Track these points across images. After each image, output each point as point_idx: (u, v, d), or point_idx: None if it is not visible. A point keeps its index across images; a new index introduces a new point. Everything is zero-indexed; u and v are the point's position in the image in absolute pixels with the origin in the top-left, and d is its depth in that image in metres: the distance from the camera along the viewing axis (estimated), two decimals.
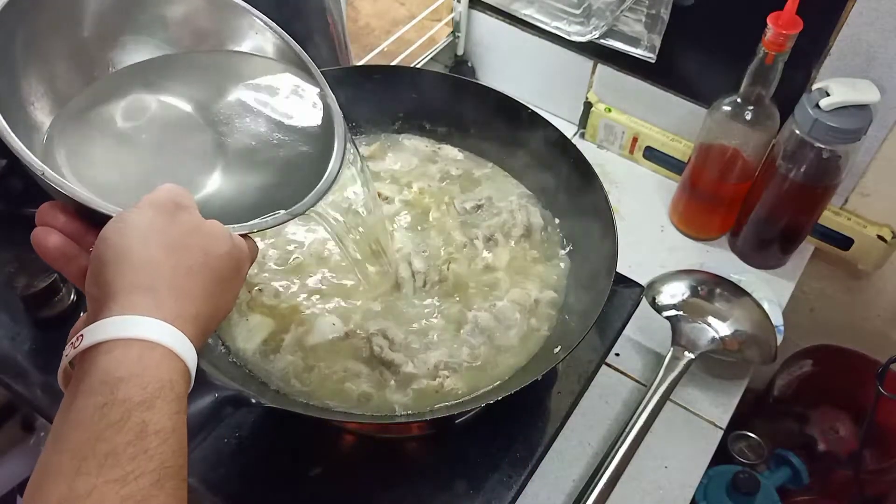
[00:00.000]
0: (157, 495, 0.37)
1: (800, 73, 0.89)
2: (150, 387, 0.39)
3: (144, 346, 0.40)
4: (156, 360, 0.40)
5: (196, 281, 0.45)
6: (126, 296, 0.42)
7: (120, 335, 0.40)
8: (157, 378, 0.40)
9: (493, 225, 0.80)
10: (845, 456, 1.13)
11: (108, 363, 0.39)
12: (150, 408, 0.39)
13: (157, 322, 0.41)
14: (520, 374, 0.70)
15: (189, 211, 0.47)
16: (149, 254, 0.43)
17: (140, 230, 0.44)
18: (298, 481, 0.69)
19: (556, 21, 1.05)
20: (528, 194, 0.85)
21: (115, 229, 0.44)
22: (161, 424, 0.39)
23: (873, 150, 0.92)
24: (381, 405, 0.67)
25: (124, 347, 0.40)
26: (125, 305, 0.41)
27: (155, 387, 0.39)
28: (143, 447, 0.38)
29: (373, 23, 1.20)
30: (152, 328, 0.41)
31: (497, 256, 0.78)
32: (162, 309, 0.42)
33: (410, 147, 0.87)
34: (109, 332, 0.40)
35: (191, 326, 0.43)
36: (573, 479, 0.78)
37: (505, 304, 0.74)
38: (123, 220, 0.44)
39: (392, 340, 0.70)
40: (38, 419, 1.08)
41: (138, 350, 0.40)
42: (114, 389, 0.38)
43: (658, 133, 1.07)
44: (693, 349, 0.83)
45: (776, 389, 1.20)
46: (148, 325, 0.41)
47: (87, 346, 0.40)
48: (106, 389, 0.38)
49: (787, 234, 0.96)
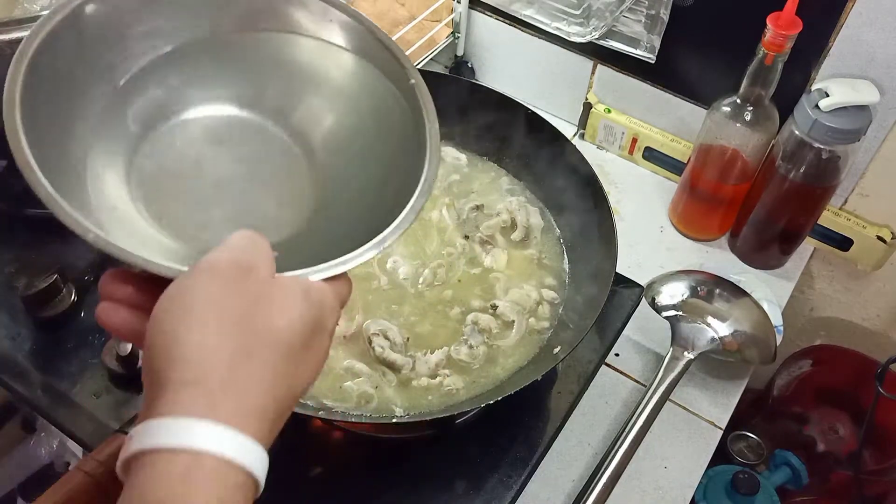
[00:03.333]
0: None
1: (799, 73, 0.89)
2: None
3: (192, 458, 0.33)
4: (205, 474, 0.33)
5: (259, 365, 0.37)
6: (175, 393, 0.35)
7: (161, 444, 0.33)
8: (201, 498, 0.33)
9: (492, 225, 0.80)
10: (845, 456, 1.13)
11: (147, 479, 0.33)
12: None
13: (209, 424, 0.34)
14: (520, 374, 0.70)
15: (257, 272, 0.38)
16: (201, 339, 0.36)
17: (192, 308, 0.36)
18: (298, 481, 0.69)
19: (556, 21, 1.05)
20: (528, 195, 0.85)
21: (165, 306, 0.37)
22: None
23: (873, 150, 0.92)
24: (381, 405, 0.67)
25: (167, 461, 0.33)
26: (173, 405, 0.34)
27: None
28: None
29: None
30: (201, 434, 0.34)
31: (496, 257, 0.79)
32: (216, 408, 0.35)
33: None
34: (152, 440, 0.34)
35: (255, 422, 0.36)
36: (573, 479, 0.78)
37: (505, 305, 0.74)
38: (177, 292, 0.37)
39: (393, 341, 0.70)
40: (38, 419, 1.08)
41: (185, 463, 0.33)
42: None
43: (658, 134, 1.07)
44: (692, 349, 0.83)
45: (776, 389, 1.20)
46: (196, 430, 0.34)
47: (130, 455, 0.34)
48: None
49: (786, 234, 0.96)
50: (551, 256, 0.80)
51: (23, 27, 0.65)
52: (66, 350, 0.76)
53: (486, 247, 0.79)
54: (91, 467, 0.59)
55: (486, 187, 0.85)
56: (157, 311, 0.37)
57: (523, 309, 0.74)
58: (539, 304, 0.75)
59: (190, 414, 0.34)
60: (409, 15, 1.16)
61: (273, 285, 0.39)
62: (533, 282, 0.77)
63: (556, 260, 0.80)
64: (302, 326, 0.39)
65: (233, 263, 0.38)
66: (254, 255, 0.39)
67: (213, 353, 0.36)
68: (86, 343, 0.76)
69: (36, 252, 0.82)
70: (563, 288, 0.77)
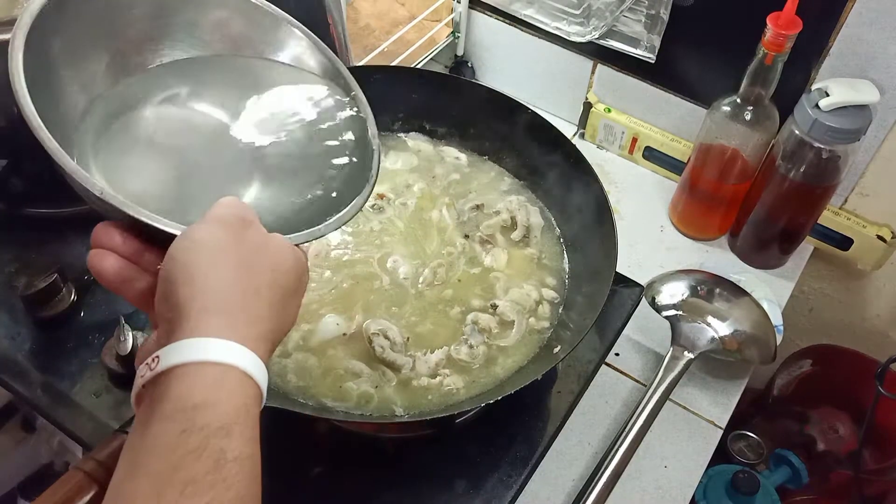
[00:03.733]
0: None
1: (799, 73, 0.89)
2: (227, 412, 0.38)
3: (220, 370, 0.40)
4: (232, 384, 0.40)
5: (265, 300, 0.44)
6: (199, 318, 0.41)
7: (195, 358, 0.39)
8: (233, 403, 0.39)
9: (492, 225, 0.80)
10: (845, 456, 1.13)
11: (184, 388, 0.39)
12: (228, 434, 0.38)
13: (232, 344, 0.41)
14: (520, 374, 0.70)
15: (255, 227, 0.46)
16: (219, 274, 0.43)
17: (209, 249, 0.43)
18: (298, 481, 0.69)
19: (556, 21, 1.05)
20: (528, 195, 0.85)
21: (183, 248, 0.43)
22: (238, 451, 0.38)
23: (873, 150, 0.92)
24: (382, 405, 0.67)
25: (200, 371, 0.39)
26: (199, 328, 0.41)
27: (232, 413, 0.39)
28: (222, 476, 0.37)
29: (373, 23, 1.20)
30: (227, 351, 0.40)
31: (496, 257, 0.79)
32: (235, 331, 0.41)
33: (411, 147, 0.87)
34: (185, 356, 0.39)
35: (262, 346, 0.43)
36: (573, 479, 0.78)
37: (505, 304, 0.74)
38: (191, 238, 0.44)
39: (393, 341, 0.70)
40: (39, 419, 1.07)
41: (214, 374, 0.39)
42: (192, 416, 0.38)
43: (658, 133, 1.07)
44: (692, 349, 0.83)
45: (775, 389, 1.21)
46: (223, 347, 0.40)
47: (163, 370, 0.39)
48: (183, 416, 0.38)
49: (786, 234, 0.96)
50: (551, 256, 0.80)
51: None
52: (66, 350, 0.76)
53: (486, 246, 0.79)
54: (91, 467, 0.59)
55: (486, 187, 0.85)
56: (174, 251, 0.43)
57: (523, 308, 0.74)
58: (539, 304, 0.75)
59: (216, 335, 0.40)
60: (409, 15, 1.16)
61: (269, 238, 0.47)
62: (533, 281, 0.77)
63: (556, 259, 0.80)
64: (294, 275, 0.47)
65: (237, 217, 0.46)
66: (249, 212, 0.47)
67: (232, 287, 0.43)
68: (86, 343, 0.76)
69: (36, 252, 0.82)
70: (563, 287, 0.77)
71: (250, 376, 0.41)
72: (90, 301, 0.80)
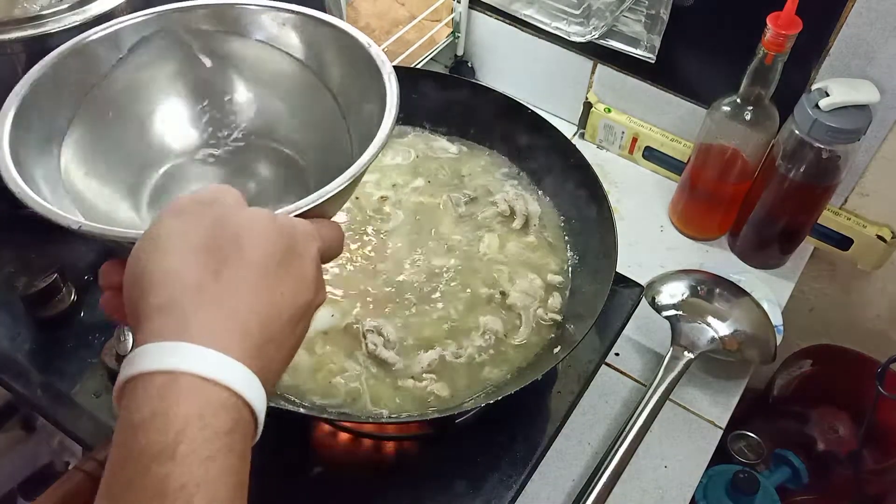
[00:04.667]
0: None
1: (799, 73, 0.89)
2: (169, 429, 0.32)
3: (167, 378, 0.33)
4: (181, 391, 0.33)
5: (231, 283, 0.37)
6: (148, 320, 0.35)
7: (141, 370, 0.34)
8: (180, 415, 0.32)
9: (490, 216, 0.80)
10: (845, 456, 1.13)
11: (130, 403, 0.34)
12: (171, 457, 0.32)
13: (179, 345, 0.34)
14: (520, 374, 0.70)
15: (220, 202, 0.39)
16: (166, 265, 0.36)
17: (161, 240, 0.37)
18: (298, 481, 0.69)
19: (556, 21, 1.05)
20: (529, 189, 0.85)
21: (138, 246, 0.38)
22: (185, 478, 0.31)
23: (873, 150, 0.92)
24: (371, 403, 0.67)
25: (146, 384, 0.33)
26: (149, 333, 0.35)
27: (178, 428, 0.32)
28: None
29: (373, 23, 1.20)
30: (172, 354, 0.34)
31: (492, 244, 0.79)
32: (189, 328, 0.35)
33: (410, 144, 0.87)
34: (132, 368, 0.34)
35: (236, 339, 0.36)
36: (573, 479, 0.78)
37: (504, 304, 0.74)
38: (147, 234, 0.38)
39: (387, 338, 0.70)
40: (38, 419, 1.07)
41: (160, 383, 0.33)
42: (130, 441, 0.32)
43: (658, 133, 1.07)
44: (692, 349, 0.83)
45: (776, 389, 1.21)
46: (169, 351, 0.34)
47: (119, 386, 0.35)
48: (123, 442, 0.33)
49: (786, 234, 0.96)
50: (551, 256, 0.80)
51: (22, 27, 0.65)
52: (66, 350, 0.76)
53: (487, 237, 0.79)
54: (91, 467, 0.59)
55: (485, 181, 0.85)
56: (134, 251, 0.38)
57: (523, 308, 0.74)
58: (539, 304, 0.75)
59: (163, 338, 0.34)
60: (409, 15, 1.16)
61: (239, 209, 0.39)
62: (533, 281, 0.77)
63: (556, 259, 0.79)
64: (272, 247, 0.38)
65: (194, 200, 0.39)
66: (216, 193, 0.40)
67: (178, 277, 0.36)
68: (86, 343, 0.76)
69: (36, 252, 0.82)
70: (564, 287, 0.77)
71: (205, 378, 0.34)
72: (90, 301, 0.79)
